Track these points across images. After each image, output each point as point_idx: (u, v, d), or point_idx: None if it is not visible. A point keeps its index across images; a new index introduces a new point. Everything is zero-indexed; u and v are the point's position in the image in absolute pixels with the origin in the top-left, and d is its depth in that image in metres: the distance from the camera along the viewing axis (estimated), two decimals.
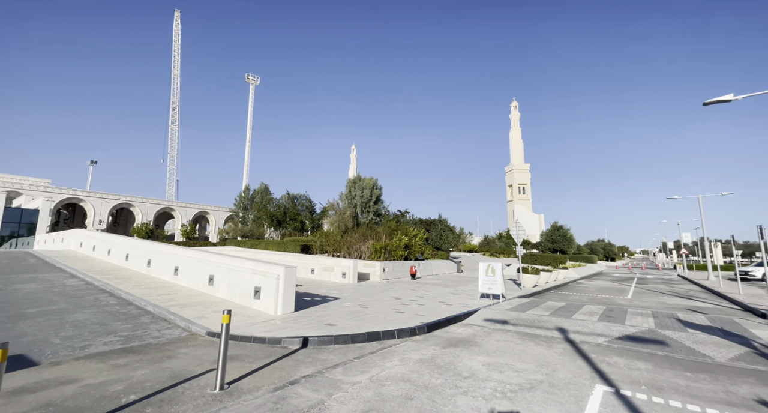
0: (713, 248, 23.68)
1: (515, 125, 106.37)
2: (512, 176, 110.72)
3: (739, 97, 8.55)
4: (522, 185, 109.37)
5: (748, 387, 4.23)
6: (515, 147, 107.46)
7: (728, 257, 46.84)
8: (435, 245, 32.21)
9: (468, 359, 5.16)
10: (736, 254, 15.23)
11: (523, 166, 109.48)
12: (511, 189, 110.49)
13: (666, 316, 8.99)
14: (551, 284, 17.73)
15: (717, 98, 8.49)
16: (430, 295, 11.59)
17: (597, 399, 3.80)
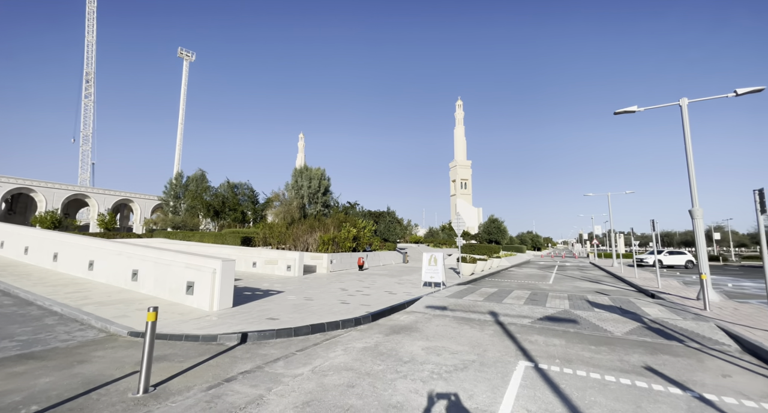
0: (617, 239, 27.60)
1: (459, 123, 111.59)
2: (455, 172, 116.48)
3: (641, 108, 9.99)
4: (464, 180, 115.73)
5: (637, 356, 5.06)
6: (459, 144, 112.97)
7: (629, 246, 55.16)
8: (383, 237, 32.77)
9: (409, 344, 5.39)
10: (634, 244, 17.98)
11: (465, 162, 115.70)
12: (454, 184, 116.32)
13: (578, 298, 10.30)
14: (486, 272, 19.18)
15: (624, 109, 9.85)
16: (376, 285, 11.81)
17: (519, 373, 4.25)
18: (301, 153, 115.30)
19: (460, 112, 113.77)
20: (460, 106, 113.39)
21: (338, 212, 26.55)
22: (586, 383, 3.98)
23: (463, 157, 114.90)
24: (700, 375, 4.26)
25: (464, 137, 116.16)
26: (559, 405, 3.39)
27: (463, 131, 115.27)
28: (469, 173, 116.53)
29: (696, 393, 3.72)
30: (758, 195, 6.04)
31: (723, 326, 6.40)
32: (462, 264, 16.89)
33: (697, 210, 8.64)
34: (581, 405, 3.42)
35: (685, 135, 9.19)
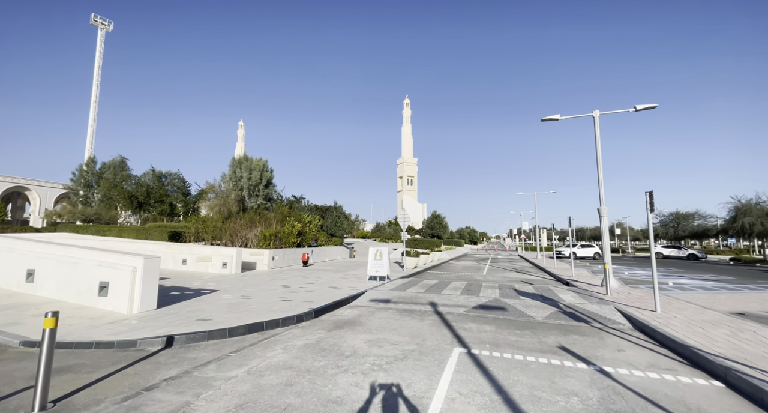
0: (541, 234, 30.77)
1: (407, 121, 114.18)
2: (402, 169, 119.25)
3: (563, 117, 11.21)
4: (410, 177, 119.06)
5: (554, 337, 5.70)
6: (406, 142, 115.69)
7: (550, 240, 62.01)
8: (330, 232, 32.33)
9: (352, 339, 5.41)
10: (554, 238, 20.26)
11: (411, 160, 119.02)
12: (401, 180, 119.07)
13: (507, 287, 11.29)
14: (429, 265, 20.04)
15: (549, 117, 10.98)
16: (320, 281, 11.62)
17: (454, 359, 4.52)
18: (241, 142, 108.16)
19: (407, 110, 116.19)
20: (408, 104, 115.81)
21: (282, 206, 25.51)
22: (511, 364, 4.39)
23: (409, 154, 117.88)
24: (601, 351, 4.96)
25: (411, 135, 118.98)
26: (487, 386, 3.69)
27: (410, 129, 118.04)
28: (415, 170, 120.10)
29: (597, 367, 4.33)
30: (649, 197, 7.18)
31: (619, 308, 7.52)
32: (406, 258, 17.40)
33: (603, 209, 10.01)
34: (506, 384, 3.76)
35: (596, 143, 10.54)
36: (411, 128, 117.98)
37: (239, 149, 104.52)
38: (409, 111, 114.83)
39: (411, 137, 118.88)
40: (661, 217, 44.63)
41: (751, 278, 14.57)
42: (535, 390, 3.60)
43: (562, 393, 3.55)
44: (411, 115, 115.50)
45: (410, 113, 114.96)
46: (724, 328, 5.72)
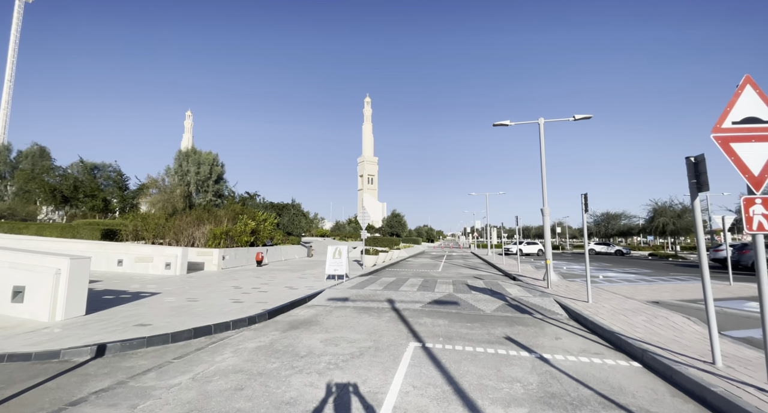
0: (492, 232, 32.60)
1: (367, 120, 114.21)
2: (363, 167, 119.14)
3: (513, 123, 11.98)
4: (371, 176, 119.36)
5: (501, 329, 6.08)
6: (367, 140, 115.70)
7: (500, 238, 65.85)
8: (286, 230, 31.33)
9: (307, 339, 5.32)
10: (503, 236, 21.61)
11: (372, 158, 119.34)
12: (362, 179, 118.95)
13: (460, 283, 11.82)
14: (387, 262, 20.29)
15: (500, 122, 11.69)
16: (275, 281, 11.24)
17: (409, 354, 4.64)
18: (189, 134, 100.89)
19: (368, 109, 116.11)
20: (369, 103, 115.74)
21: (234, 202, 24.21)
22: (462, 355, 4.62)
23: (370, 153, 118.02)
24: (541, 340, 5.40)
25: (372, 133, 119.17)
26: (440, 378, 3.84)
27: (371, 128, 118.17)
28: (375, 169, 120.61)
29: (538, 354, 4.70)
30: (584, 198, 7.95)
31: (558, 300, 8.24)
32: (365, 256, 17.45)
33: (546, 209, 10.87)
34: (456, 375, 3.94)
35: (541, 148, 11.41)
36: (372, 126, 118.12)
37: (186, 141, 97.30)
38: (370, 110, 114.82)
39: (372, 136, 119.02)
40: (595, 217, 49.58)
41: (665, 271, 16.75)
42: (483, 379, 3.82)
43: (506, 380, 3.81)
44: (372, 114, 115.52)
45: (371, 111, 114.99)
46: (643, 315, 6.52)
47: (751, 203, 3.29)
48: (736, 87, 3.47)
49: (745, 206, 3.30)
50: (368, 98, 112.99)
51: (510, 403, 3.26)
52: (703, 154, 3.81)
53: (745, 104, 3.45)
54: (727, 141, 3.40)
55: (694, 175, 3.87)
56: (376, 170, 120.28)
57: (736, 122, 3.43)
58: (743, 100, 3.44)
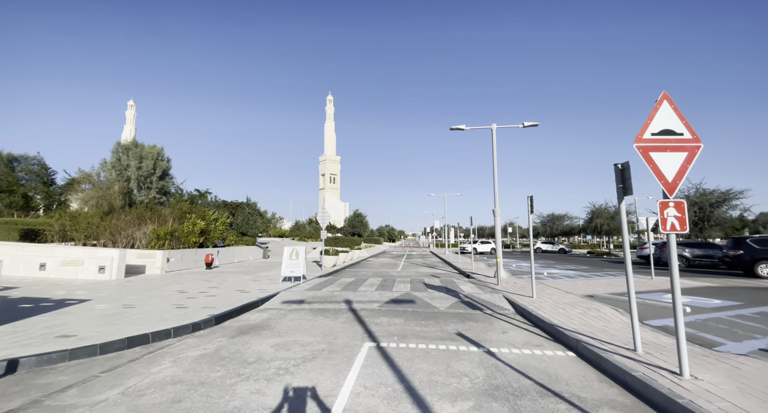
0: (449, 232, 33.73)
1: (330, 118, 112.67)
2: (325, 166, 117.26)
3: (468, 128, 12.49)
4: (333, 175, 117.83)
5: (453, 325, 6.28)
6: (329, 139, 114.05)
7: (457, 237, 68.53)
8: (241, 231, 29.85)
9: (257, 344, 5.09)
10: (460, 236, 22.46)
11: (334, 157, 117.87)
12: (324, 178, 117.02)
13: (418, 282, 12.07)
14: (348, 263, 20.13)
15: (456, 126, 12.14)
16: (226, 284, 10.64)
17: (363, 354, 4.62)
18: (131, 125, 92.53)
19: (330, 107, 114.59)
20: (331, 101, 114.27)
21: (182, 201, 22.59)
22: (415, 353, 4.69)
23: (332, 152, 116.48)
24: (490, 334, 5.67)
25: (334, 132, 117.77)
26: (392, 377, 3.87)
27: (333, 127, 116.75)
28: (338, 168, 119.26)
29: (486, 349, 4.92)
30: (530, 200, 8.49)
31: (506, 296, 8.71)
32: (325, 257, 17.15)
33: (497, 210, 11.47)
34: (408, 373, 4.00)
35: (493, 152, 12.02)
36: (334, 125, 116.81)
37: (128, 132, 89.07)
38: (333, 108, 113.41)
39: (334, 135, 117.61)
40: (542, 218, 53.39)
41: (600, 268, 18.45)
42: (434, 375, 3.91)
43: (455, 375, 3.93)
44: (334, 112, 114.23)
45: (333, 109, 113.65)
46: (579, 308, 7.10)
47: (666, 206, 3.71)
48: (655, 102, 3.90)
49: (661, 209, 3.72)
50: (330, 96, 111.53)
51: (457, 398, 3.37)
52: (628, 161, 4.24)
53: (662, 118, 3.88)
54: (646, 150, 3.81)
55: (621, 180, 4.29)
56: (339, 169, 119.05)
57: (655, 134, 3.85)
58: (661, 114, 3.87)
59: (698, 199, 25.51)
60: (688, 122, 3.81)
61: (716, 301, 8.36)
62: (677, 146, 3.80)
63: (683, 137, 3.79)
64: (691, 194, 26.15)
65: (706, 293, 9.65)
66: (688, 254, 18.44)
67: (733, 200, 25.08)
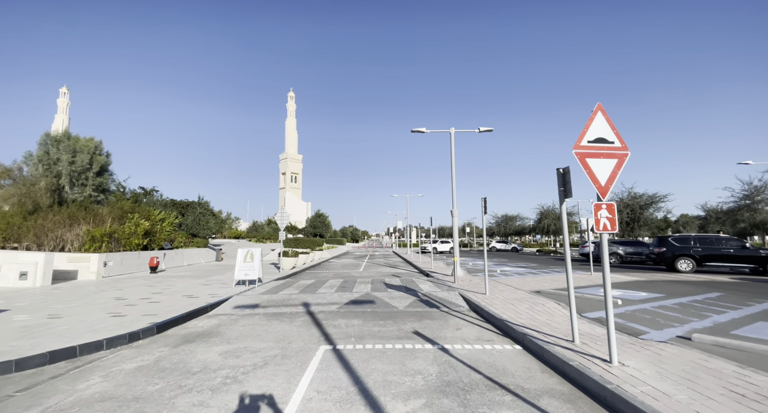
0: (411, 232, 34.34)
1: (291, 115, 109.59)
2: (286, 165, 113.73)
3: (428, 131, 12.79)
4: (294, 174, 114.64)
5: (410, 324, 6.37)
6: (290, 137, 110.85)
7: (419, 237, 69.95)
8: (191, 232, 27.99)
9: (204, 353, 4.78)
10: (422, 236, 22.96)
11: (296, 156, 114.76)
12: (284, 177, 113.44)
13: (379, 282, 12.11)
14: (308, 264, 19.68)
15: (417, 129, 12.40)
16: (173, 289, 9.90)
17: (318, 358, 4.53)
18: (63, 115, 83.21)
19: (292, 104, 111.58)
20: (293, 98, 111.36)
21: (123, 199, 20.70)
22: (371, 354, 4.69)
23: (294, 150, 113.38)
24: (445, 332, 5.83)
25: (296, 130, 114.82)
26: (346, 379, 3.82)
27: (295, 124, 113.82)
28: (299, 167, 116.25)
29: (440, 346, 5.05)
30: (483, 201, 8.89)
31: (462, 293, 9.03)
32: (283, 259, 16.60)
33: (455, 211, 11.87)
34: (363, 374, 3.98)
35: (451, 155, 12.42)
36: (296, 122, 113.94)
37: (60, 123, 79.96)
38: (294, 105, 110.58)
39: (296, 133, 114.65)
40: (496, 218, 56.24)
41: (547, 265, 19.80)
42: (389, 375, 3.93)
43: (409, 373, 3.98)
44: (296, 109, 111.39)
45: (295, 106, 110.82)
46: (526, 303, 7.55)
47: (599, 208, 4.06)
48: (591, 112, 4.26)
49: (595, 211, 4.06)
50: (292, 93, 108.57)
51: (410, 396, 3.41)
52: (568, 166, 4.58)
53: (597, 127, 4.25)
54: (583, 156, 4.14)
55: (562, 183, 4.62)
56: (300, 168, 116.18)
57: (591, 141, 4.20)
58: (595, 123, 4.23)
59: (630, 201, 28.38)
60: (618, 131, 4.20)
61: (643, 294, 9.33)
62: (609, 154, 4.17)
63: (614, 145, 4.18)
64: (625, 197, 29.03)
65: (635, 286, 10.74)
66: (621, 251, 20.41)
67: (659, 202, 28.23)
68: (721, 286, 10.86)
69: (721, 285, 11.05)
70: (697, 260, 15.03)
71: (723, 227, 29.86)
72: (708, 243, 15.13)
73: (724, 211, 27.64)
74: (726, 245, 14.89)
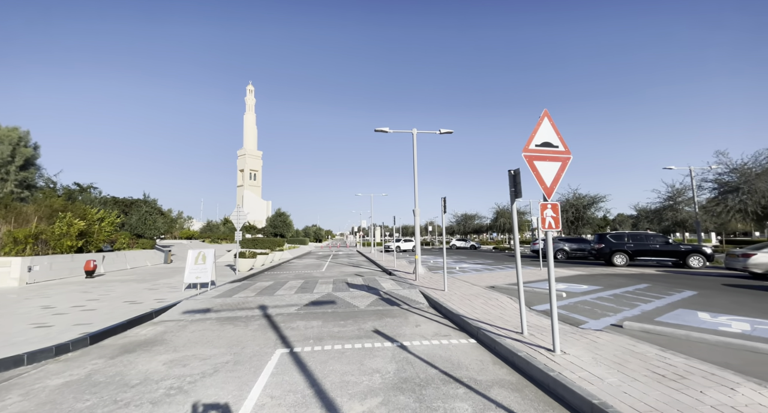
0: (375, 231, 34.47)
1: (250, 110, 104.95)
2: (244, 161, 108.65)
3: (391, 131, 12.89)
4: (253, 171, 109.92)
5: (371, 323, 6.38)
6: (249, 132, 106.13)
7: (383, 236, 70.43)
8: (136, 232, 25.77)
9: (145, 363, 4.41)
10: (386, 235, 23.13)
11: (255, 152, 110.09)
12: (243, 174, 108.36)
13: (341, 282, 12.00)
14: (267, 266, 18.97)
15: (380, 129, 12.46)
16: (112, 295, 9.05)
17: (273, 362, 4.37)
18: None
19: (251, 98, 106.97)
20: (252, 91, 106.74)
21: (54, 196, 18.52)
22: (330, 355, 4.62)
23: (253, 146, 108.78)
24: (404, 329, 5.91)
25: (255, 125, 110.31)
26: (302, 382, 3.73)
27: (255, 119, 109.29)
28: (259, 163, 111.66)
29: (399, 343, 5.11)
30: (443, 201, 9.16)
31: (422, 290, 9.23)
32: (240, 260, 15.84)
33: (417, 210, 12.10)
34: (320, 376, 3.91)
35: (414, 155, 12.64)
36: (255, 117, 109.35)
37: None
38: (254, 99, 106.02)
39: (255, 128, 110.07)
40: (457, 217, 58.34)
41: (502, 261, 20.87)
42: (346, 376, 3.90)
43: (367, 372, 3.98)
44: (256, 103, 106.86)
45: (255, 101, 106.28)
46: (481, 298, 7.90)
47: (545, 208, 4.34)
48: (538, 118, 4.54)
49: (541, 210, 4.34)
50: (251, 86, 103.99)
51: (367, 395, 3.41)
52: (519, 168, 4.85)
53: (544, 132, 4.54)
54: (531, 159, 4.40)
55: (513, 184, 4.88)
56: (260, 165, 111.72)
57: (538, 145, 4.47)
58: (542, 128, 4.52)
59: (575, 202, 30.83)
60: (562, 136, 4.52)
61: (584, 286, 10.17)
62: (554, 157, 4.48)
63: (558, 149, 4.49)
64: (570, 198, 31.47)
65: (578, 280, 11.68)
66: (567, 248, 22.09)
67: (599, 203, 30.95)
68: (649, 278, 12.15)
69: (648, 277, 12.36)
70: (630, 255, 16.69)
71: (651, 225, 33.49)
72: (638, 240, 16.86)
73: (652, 210, 30.99)
74: (653, 241, 16.69)
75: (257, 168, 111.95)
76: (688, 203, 26.85)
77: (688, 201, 26.79)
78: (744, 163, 19.98)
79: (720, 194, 20.99)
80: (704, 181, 21.97)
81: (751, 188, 19.02)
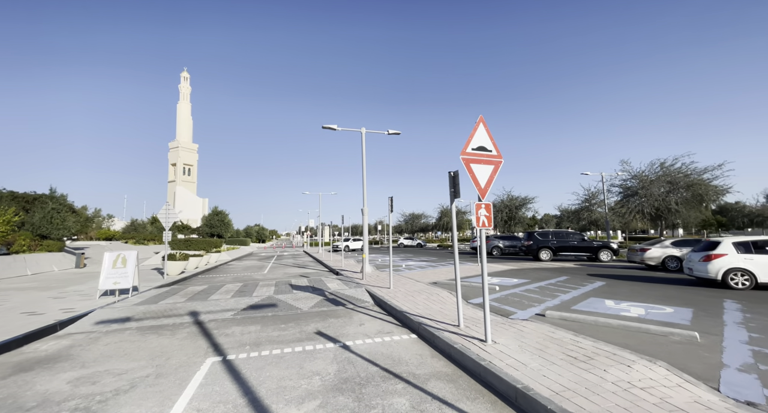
0: (324, 231, 33.86)
1: (185, 99, 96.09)
2: (177, 154, 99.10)
3: (340, 128, 12.75)
4: (188, 166, 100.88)
5: (314, 324, 6.23)
6: (183, 123, 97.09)
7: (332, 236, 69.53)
8: (40, 233, 22.07)
9: (46, 382, 3.79)
10: (335, 234, 22.83)
11: (190, 145, 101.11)
12: (175, 169, 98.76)
13: (284, 284, 11.55)
14: (202, 268, 17.53)
15: (328, 125, 12.25)
16: (6, 306, 7.63)
17: (203, 372, 4.04)
18: None
19: (186, 85, 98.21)
20: (187, 79, 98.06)
21: None
22: (267, 361, 4.41)
23: (187, 138, 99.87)
24: (348, 329, 5.89)
25: (190, 116, 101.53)
26: (235, 392, 3.51)
27: (190, 109, 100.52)
28: (194, 157, 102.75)
29: (342, 343, 5.07)
30: (390, 200, 9.32)
31: (368, 289, 9.29)
32: (169, 263, 14.39)
33: (365, 209, 12.14)
34: (256, 383, 3.71)
35: (363, 154, 12.66)
36: (191, 107, 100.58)
37: None
38: (189, 87, 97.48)
39: (190, 119, 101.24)
40: (405, 216, 59.90)
41: (445, 258, 21.89)
42: (284, 381, 3.76)
43: (307, 376, 3.88)
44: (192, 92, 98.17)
45: (190, 89, 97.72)
46: (424, 294, 8.19)
47: (479, 207, 4.64)
48: (474, 123, 4.83)
49: (476, 209, 4.62)
50: (186, 73, 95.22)
51: (305, 399, 3.32)
52: (457, 170, 5.11)
53: (479, 137, 4.84)
54: (468, 162, 4.67)
55: (452, 185, 5.13)
56: (196, 159, 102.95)
57: (474, 149, 4.76)
58: (478, 133, 4.82)
59: (509, 202, 33.57)
60: (495, 141, 4.87)
61: (515, 280, 11.10)
62: (488, 160, 4.80)
63: (492, 154, 4.83)
64: (504, 199, 34.20)
65: (510, 274, 12.72)
66: (501, 245, 23.93)
67: (529, 203, 34.07)
68: (568, 271, 13.69)
69: (567, 270, 13.92)
70: (553, 251, 18.63)
71: (571, 224, 37.81)
72: (560, 237, 18.90)
73: (572, 211, 34.99)
74: (572, 238, 18.84)
75: (192, 162, 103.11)
76: (600, 204, 30.80)
77: (600, 203, 30.73)
78: (642, 171, 23.47)
79: (624, 198, 24.40)
80: (612, 186, 25.36)
81: (647, 193, 22.43)
